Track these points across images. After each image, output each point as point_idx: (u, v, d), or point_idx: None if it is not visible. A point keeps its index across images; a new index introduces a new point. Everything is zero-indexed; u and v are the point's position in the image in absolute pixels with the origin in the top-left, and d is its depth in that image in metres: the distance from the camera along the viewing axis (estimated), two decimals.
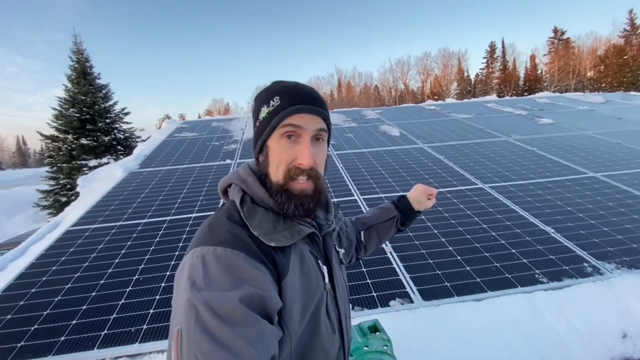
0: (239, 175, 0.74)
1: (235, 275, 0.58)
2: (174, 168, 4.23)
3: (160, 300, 2.00)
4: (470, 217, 2.76)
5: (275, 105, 0.69)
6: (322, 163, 0.73)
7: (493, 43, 39.47)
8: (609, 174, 3.49)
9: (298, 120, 0.68)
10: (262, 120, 0.71)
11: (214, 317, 0.53)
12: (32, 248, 2.78)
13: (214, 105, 54.16)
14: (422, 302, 1.92)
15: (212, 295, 0.55)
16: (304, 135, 0.69)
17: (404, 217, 1.12)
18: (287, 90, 0.70)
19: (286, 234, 0.68)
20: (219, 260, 0.59)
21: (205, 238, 0.64)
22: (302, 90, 0.71)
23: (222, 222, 0.67)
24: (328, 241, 0.79)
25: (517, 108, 6.74)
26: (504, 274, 2.10)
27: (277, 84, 0.73)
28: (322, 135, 0.72)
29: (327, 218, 0.82)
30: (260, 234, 0.65)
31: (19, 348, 1.71)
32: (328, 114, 0.74)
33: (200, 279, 0.57)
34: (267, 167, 0.72)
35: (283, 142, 0.69)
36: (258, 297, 0.57)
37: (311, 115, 0.69)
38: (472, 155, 4.21)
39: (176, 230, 2.75)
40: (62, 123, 11.66)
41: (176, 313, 0.57)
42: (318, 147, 0.71)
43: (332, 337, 0.75)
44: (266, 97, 0.71)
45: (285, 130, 0.68)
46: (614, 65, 28.47)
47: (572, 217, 2.70)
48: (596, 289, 1.97)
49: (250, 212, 0.68)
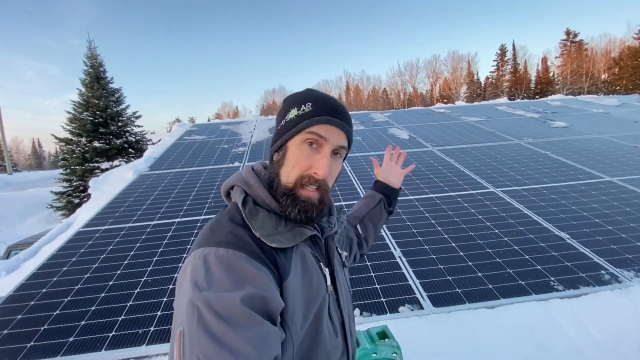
0: (241, 177, 0.75)
1: (237, 275, 0.58)
2: (183, 170, 4.27)
3: (168, 302, 2.00)
4: (482, 222, 2.70)
5: (306, 111, 0.70)
6: (333, 177, 0.74)
7: (503, 45, 39.11)
8: (626, 179, 3.38)
9: (324, 130, 0.69)
10: (289, 120, 0.72)
11: (216, 318, 0.53)
12: (44, 249, 2.82)
13: (224, 109, 54.78)
14: (432, 309, 1.87)
15: (214, 296, 0.55)
16: (326, 147, 0.70)
17: (387, 198, 1.13)
18: (321, 100, 0.72)
19: (287, 236, 0.68)
20: (221, 260, 0.59)
21: (207, 239, 0.64)
22: (335, 104, 0.72)
23: (224, 224, 0.67)
24: (330, 244, 0.79)
25: (529, 111, 6.63)
26: (518, 281, 2.04)
27: (311, 92, 0.75)
28: (342, 151, 0.73)
29: (329, 221, 0.82)
30: (262, 235, 0.65)
31: (28, 348, 1.72)
32: (352, 132, 0.75)
33: (203, 280, 0.57)
34: (280, 166, 0.72)
35: (304, 147, 0.70)
36: (260, 298, 0.57)
37: (337, 129, 0.70)
38: (483, 158, 4.14)
39: (184, 233, 2.76)
40: (76, 126, 11.91)
41: (178, 314, 0.57)
42: (335, 162, 0.73)
43: (335, 341, 0.74)
44: (298, 101, 0.73)
45: (309, 137, 0.69)
46: (629, 68, 27.86)
47: (588, 223, 2.62)
48: (614, 298, 1.90)
49: (252, 213, 0.68)
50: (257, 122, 6.94)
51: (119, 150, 12.15)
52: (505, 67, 39.15)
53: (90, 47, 12.68)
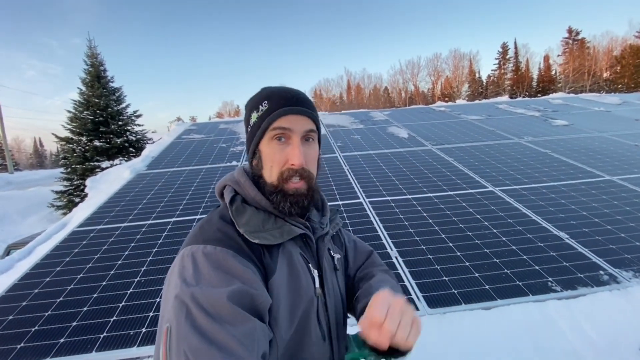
0: (233, 177, 0.77)
1: (225, 272, 0.59)
2: (180, 170, 4.25)
3: (161, 303, 1.98)
4: (480, 222, 2.67)
5: (263, 110, 0.71)
6: (313, 162, 0.74)
7: (505, 44, 38.96)
8: (627, 177, 3.34)
9: (286, 122, 0.69)
10: (253, 125, 0.73)
11: (204, 314, 0.53)
12: (39, 248, 2.80)
13: (225, 108, 54.83)
14: (427, 310, 1.85)
15: (202, 292, 0.55)
16: (294, 137, 0.70)
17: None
18: (274, 94, 0.72)
19: (275, 233, 0.68)
20: (208, 257, 0.60)
21: (195, 237, 0.66)
22: (288, 93, 0.72)
23: (213, 222, 0.69)
24: (320, 245, 0.78)
25: (530, 109, 6.58)
26: (515, 281, 2.02)
27: (264, 90, 0.75)
28: (312, 135, 0.73)
29: (321, 221, 0.81)
30: (246, 232, 0.66)
31: (18, 349, 1.71)
32: (316, 114, 0.75)
33: (191, 276, 0.58)
34: (260, 169, 0.73)
35: (273, 144, 0.70)
36: (247, 295, 0.58)
37: (299, 117, 0.70)
38: (482, 157, 4.11)
39: (180, 232, 2.74)
40: (77, 125, 11.93)
41: (165, 311, 0.58)
42: (308, 147, 0.73)
43: (322, 346, 0.72)
44: (255, 103, 0.74)
45: (275, 133, 0.70)
46: (630, 66, 27.73)
47: (587, 222, 2.59)
48: (613, 299, 1.87)
49: (238, 211, 0.70)
50: None
51: (120, 149, 12.17)
52: (507, 65, 39.01)
53: (91, 46, 12.71)
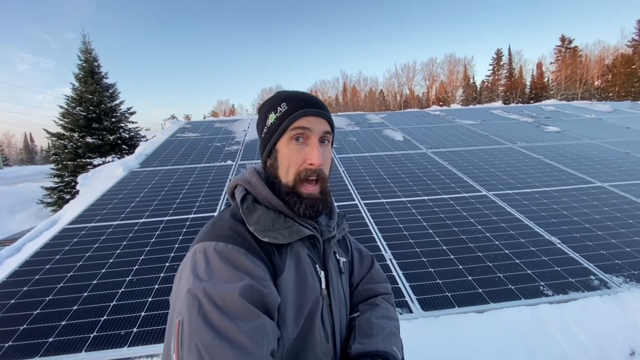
0: (244, 177, 0.78)
1: (236, 269, 0.60)
2: (174, 168, 4.21)
3: (153, 302, 1.95)
4: (474, 225, 2.69)
5: (282, 111, 0.73)
6: (328, 164, 0.77)
7: (500, 50, 39.42)
8: (617, 184, 3.40)
9: (306, 122, 0.72)
10: (270, 125, 0.75)
11: (216, 309, 0.55)
12: (28, 245, 2.75)
13: (220, 107, 54.48)
14: (421, 312, 1.85)
15: (214, 287, 0.57)
16: (312, 137, 0.72)
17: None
18: (292, 97, 0.75)
19: (284, 233, 0.70)
20: (220, 254, 0.62)
21: (207, 234, 0.67)
22: (307, 96, 0.76)
23: (225, 220, 0.70)
24: (327, 247, 0.79)
25: (523, 115, 6.66)
26: (507, 285, 2.03)
27: (281, 93, 0.78)
28: (328, 137, 0.76)
29: (328, 225, 0.82)
30: (256, 230, 0.67)
31: (5, 348, 1.67)
32: (331, 117, 0.78)
33: (203, 272, 0.60)
34: (276, 169, 0.74)
35: (292, 144, 0.72)
36: (258, 292, 0.59)
37: (317, 118, 0.73)
38: (476, 161, 4.14)
39: (172, 232, 2.71)
40: (69, 121, 11.73)
41: (177, 305, 0.59)
42: (324, 149, 0.75)
43: (325, 347, 0.73)
44: (272, 105, 0.76)
45: (294, 133, 0.72)
46: (621, 75, 28.25)
47: (579, 228, 2.62)
48: (603, 304, 1.90)
49: (249, 209, 0.71)
50: (252, 121, 6.88)
51: (112, 146, 12.01)
52: (501, 71, 39.46)
53: (85, 42, 12.52)
